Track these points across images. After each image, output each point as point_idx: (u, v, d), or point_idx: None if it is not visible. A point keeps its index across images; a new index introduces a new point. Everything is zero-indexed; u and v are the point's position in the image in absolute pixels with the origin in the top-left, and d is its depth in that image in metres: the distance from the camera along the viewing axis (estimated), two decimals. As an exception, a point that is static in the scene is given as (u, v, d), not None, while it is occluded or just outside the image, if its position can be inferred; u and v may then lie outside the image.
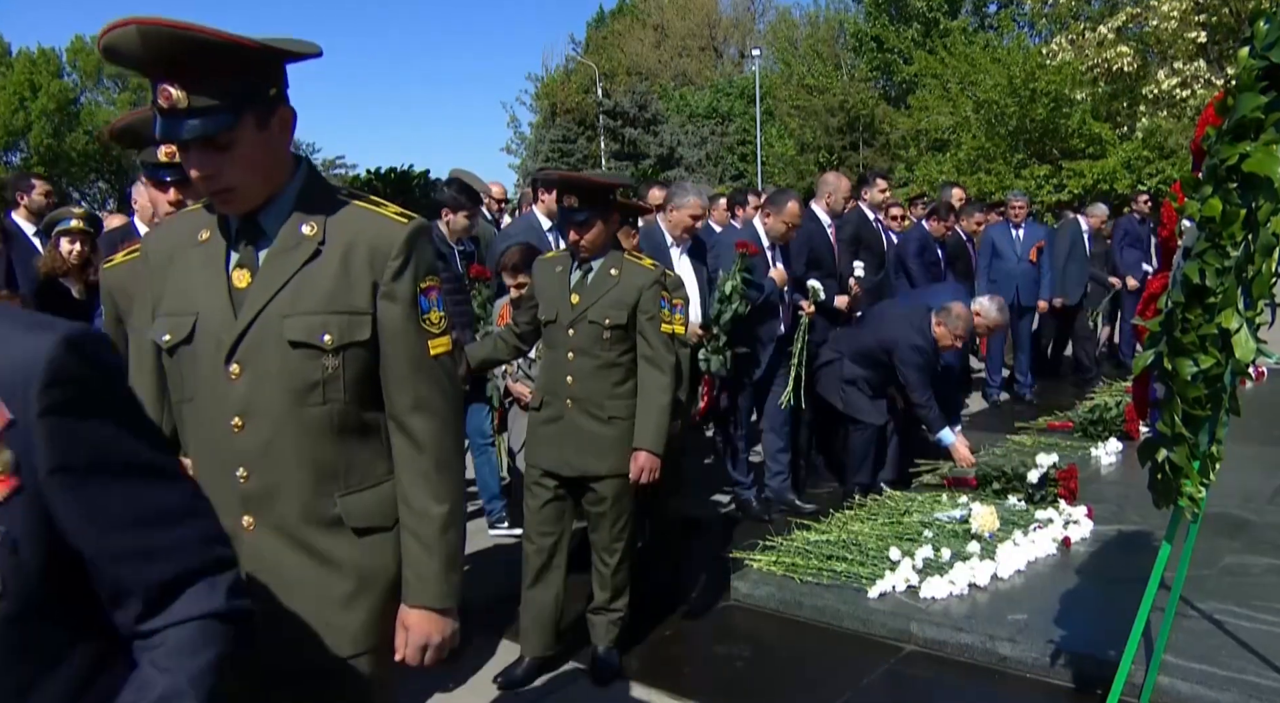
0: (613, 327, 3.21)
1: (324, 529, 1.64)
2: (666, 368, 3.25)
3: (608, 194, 3.19)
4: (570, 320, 3.25)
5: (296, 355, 1.60)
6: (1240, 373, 2.53)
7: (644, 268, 3.29)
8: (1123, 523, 4.67)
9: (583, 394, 3.26)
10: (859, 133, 33.12)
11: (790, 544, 4.32)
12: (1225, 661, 3.20)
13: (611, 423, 3.26)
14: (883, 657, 3.57)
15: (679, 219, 4.82)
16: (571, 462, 3.28)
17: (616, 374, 3.27)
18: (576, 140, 35.69)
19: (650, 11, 44.78)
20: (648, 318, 3.23)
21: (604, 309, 3.22)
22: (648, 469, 3.24)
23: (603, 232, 3.23)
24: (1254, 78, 2.34)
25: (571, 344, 3.26)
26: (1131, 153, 21.83)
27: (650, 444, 3.23)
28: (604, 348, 3.24)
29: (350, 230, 1.64)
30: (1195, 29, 19.49)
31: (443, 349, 1.70)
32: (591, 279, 3.27)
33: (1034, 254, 7.94)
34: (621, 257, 3.31)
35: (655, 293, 3.24)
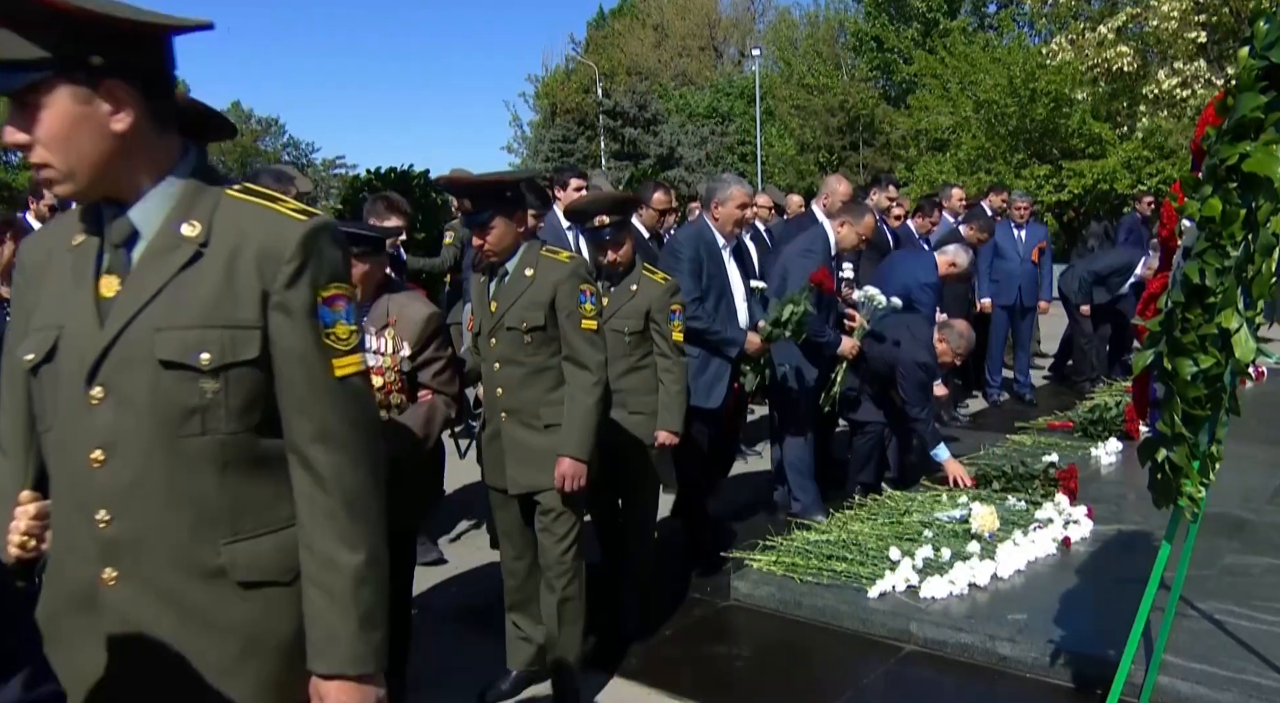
0: (531, 329, 3.02)
1: (203, 583, 1.39)
2: (592, 366, 3.05)
3: (501, 192, 3.00)
4: (490, 328, 3.10)
5: (169, 377, 1.35)
6: (1240, 373, 2.53)
7: (559, 262, 3.07)
8: (1123, 523, 4.67)
9: (515, 405, 3.09)
10: (859, 133, 33.12)
11: (790, 544, 4.33)
12: (1225, 660, 3.20)
13: (549, 431, 3.06)
14: (883, 657, 3.57)
15: (727, 214, 4.56)
16: (516, 478, 3.11)
17: (548, 379, 3.07)
18: (576, 140, 35.68)
19: (650, 11, 44.78)
20: (565, 315, 3.03)
21: (520, 312, 3.03)
22: (571, 477, 3.02)
23: (506, 231, 3.03)
24: (1254, 78, 2.34)
25: (496, 354, 3.10)
26: (1131, 153, 21.82)
27: (573, 449, 3.01)
28: (528, 353, 3.06)
29: (238, 230, 1.40)
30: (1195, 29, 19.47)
31: (351, 369, 1.45)
32: (506, 282, 3.09)
33: (1035, 254, 7.93)
34: (537, 253, 3.09)
35: (572, 287, 3.03)
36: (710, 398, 4.54)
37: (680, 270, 4.42)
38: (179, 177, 1.42)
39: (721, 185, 4.64)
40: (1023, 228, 7.99)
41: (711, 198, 4.65)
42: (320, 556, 1.41)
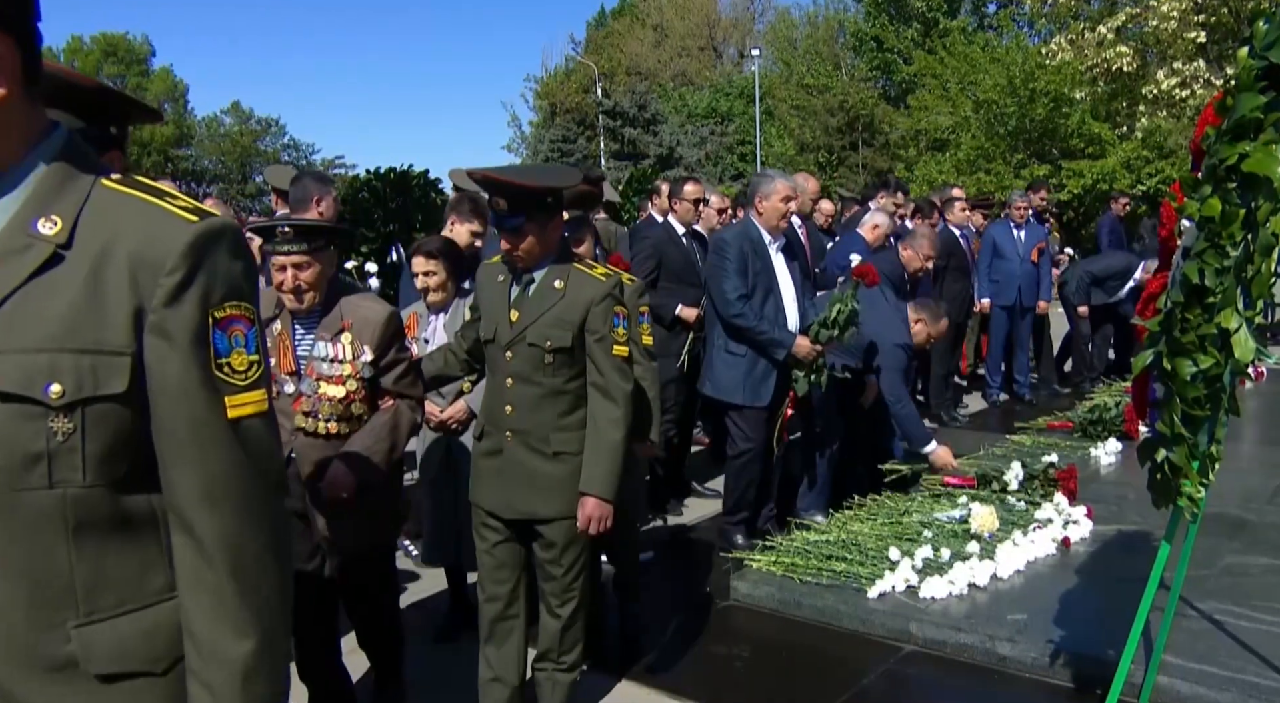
0: (555, 350, 2.76)
1: (46, 678, 1.11)
2: (619, 398, 2.78)
3: (542, 198, 2.73)
4: (508, 341, 2.81)
5: (6, 414, 1.05)
6: (1239, 373, 2.54)
7: (594, 279, 2.81)
8: (1122, 523, 4.67)
9: (524, 426, 2.81)
10: (858, 133, 33.11)
11: (790, 544, 4.33)
12: (1224, 660, 3.20)
13: (559, 459, 2.80)
14: (882, 657, 3.57)
15: (772, 209, 4.50)
16: (514, 503, 2.84)
17: (563, 403, 2.81)
18: (576, 140, 35.69)
19: (650, 11, 44.78)
20: (596, 339, 2.76)
21: (545, 329, 2.77)
22: (597, 518, 2.76)
23: (540, 240, 2.76)
24: (1253, 78, 2.34)
25: (510, 369, 2.82)
26: (1131, 153, 21.83)
27: (599, 489, 2.75)
28: (547, 374, 2.79)
29: (111, 229, 1.10)
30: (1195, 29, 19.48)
31: (250, 409, 1.15)
32: (532, 294, 2.81)
33: (1035, 255, 7.93)
34: (569, 267, 2.82)
35: (606, 309, 2.77)
36: (759, 395, 4.51)
37: (725, 269, 4.42)
38: (43, 160, 1.11)
39: (764, 180, 4.61)
40: (1022, 228, 8.00)
41: (755, 194, 4.62)
42: (202, 644, 1.14)
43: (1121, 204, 9.52)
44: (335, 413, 2.81)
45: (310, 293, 2.79)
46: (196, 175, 44.01)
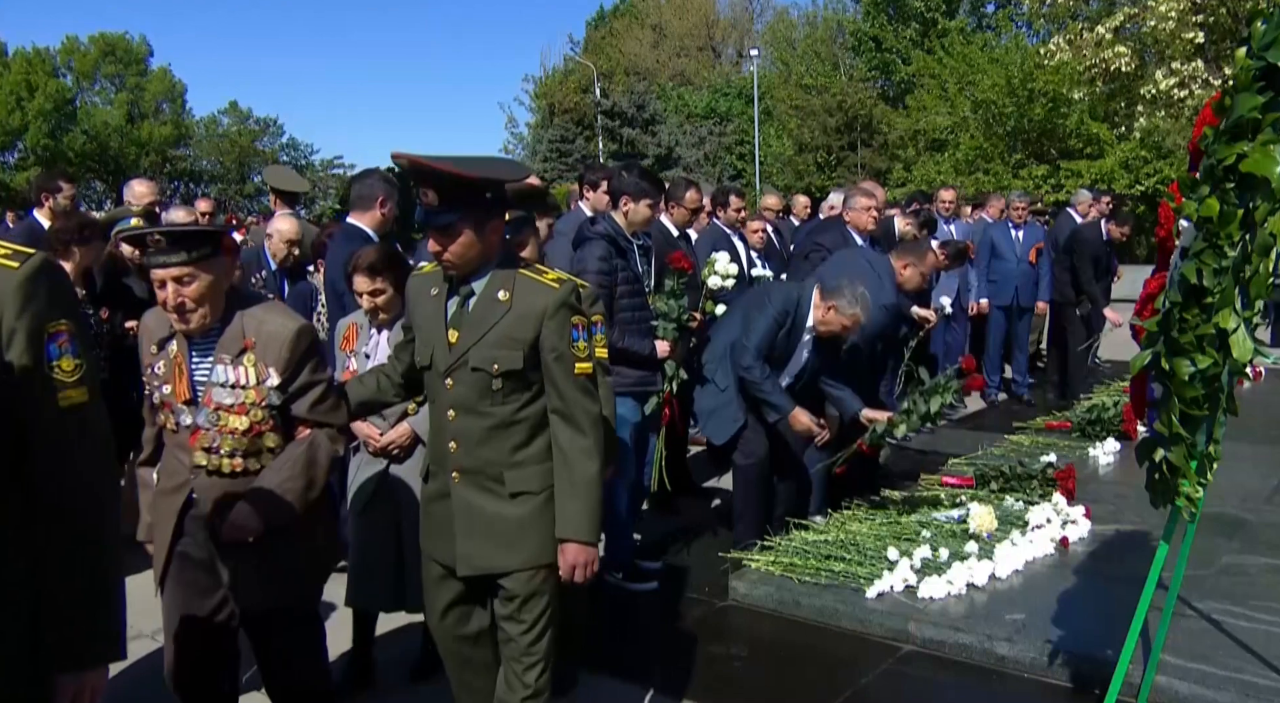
0: (504, 374, 2.34)
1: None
2: (587, 424, 2.37)
3: (479, 192, 2.32)
4: (447, 367, 2.39)
5: None
6: (1238, 373, 2.54)
7: (545, 286, 2.37)
8: (1120, 523, 4.68)
9: (473, 464, 2.41)
10: (857, 133, 33.10)
11: (789, 544, 4.33)
12: (1222, 660, 3.20)
13: (517, 501, 2.40)
14: (881, 657, 3.57)
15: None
16: (470, 555, 2.44)
17: (517, 434, 2.40)
18: (574, 140, 35.70)
19: (648, 11, 44.79)
20: (554, 357, 2.35)
21: (489, 350, 2.34)
22: (582, 565, 2.40)
23: (476, 243, 2.33)
24: (1251, 78, 2.34)
25: (451, 399, 2.40)
26: (1129, 153, 21.87)
27: (579, 532, 2.38)
28: (495, 402, 2.37)
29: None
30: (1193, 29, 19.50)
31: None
32: (473, 308, 2.39)
33: (1033, 255, 7.92)
34: (515, 274, 2.39)
35: (562, 321, 2.35)
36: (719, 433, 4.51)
37: (763, 325, 4.36)
38: None
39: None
40: (1020, 228, 8.00)
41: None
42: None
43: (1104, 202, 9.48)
44: (240, 447, 2.44)
45: (198, 310, 2.40)
46: (194, 176, 44.01)
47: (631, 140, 34.68)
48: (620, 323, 4.05)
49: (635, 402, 4.17)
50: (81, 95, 42.41)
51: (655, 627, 3.92)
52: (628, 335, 4.08)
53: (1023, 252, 7.93)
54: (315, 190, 40.10)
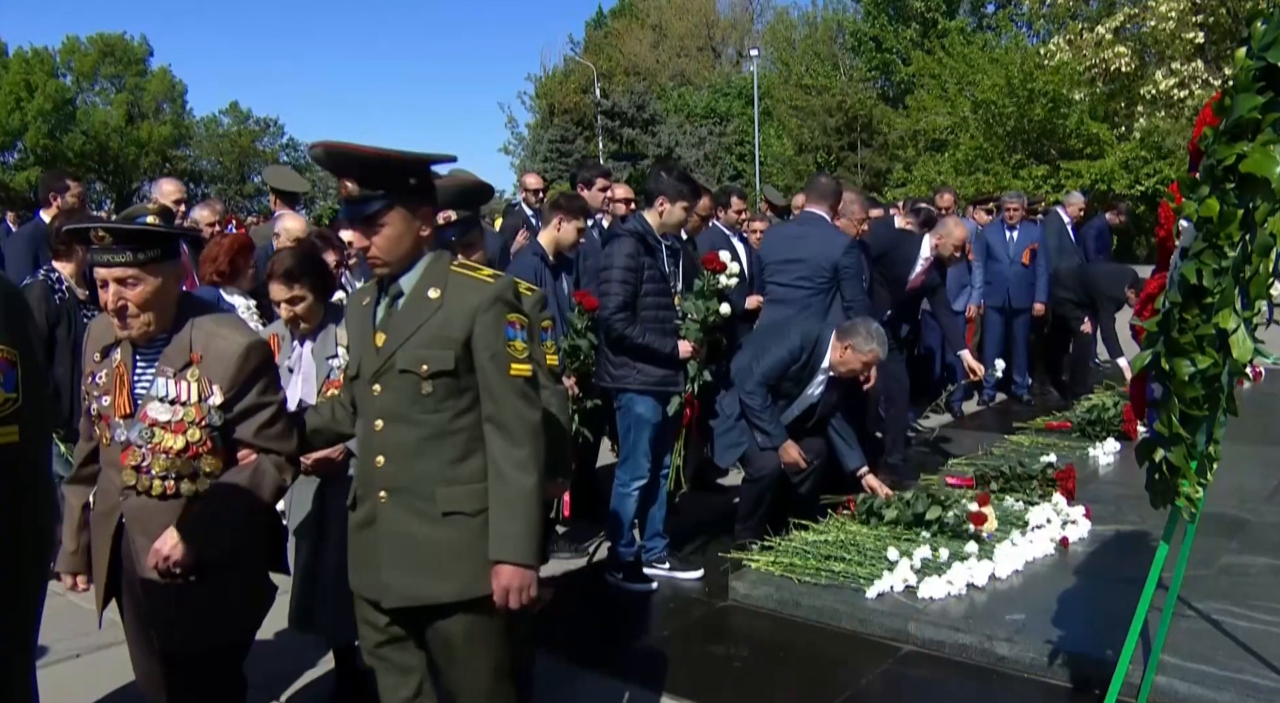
0: (434, 375, 2.13)
1: None
2: (524, 433, 2.14)
3: (402, 176, 2.12)
4: (374, 371, 2.19)
5: None
6: (1238, 373, 2.54)
7: (478, 282, 2.18)
8: (1120, 523, 4.68)
9: (402, 481, 2.17)
10: (857, 133, 33.15)
11: (789, 544, 4.33)
12: (1222, 660, 3.20)
13: (450, 522, 2.16)
14: (881, 657, 3.57)
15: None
16: (394, 586, 2.17)
17: (452, 447, 2.17)
18: (574, 140, 35.74)
19: (649, 12, 44.81)
20: (488, 356, 2.13)
21: (418, 350, 2.14)
22: (517, 589, 2.12)
23: (403, 235, 2.13)
24: (1251, 78, 2.34)
25: (378, 407, 2.19)
26: (1129, 153, 21.89)
27: (515, 552, 2.11)
28: (427, 409, 2.15)
29: None
30: (1193, 29, 19.53)
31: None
32: (401, 306, 2.20)
33: (1026, 256, 7.89)
34: (447, 270, 2.20)
35: (496, 316, 2.14)
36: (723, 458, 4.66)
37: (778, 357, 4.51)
38: None
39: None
40: (1015, 229, 7.98)
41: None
42: None
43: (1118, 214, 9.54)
44: (172, 469, 2.23)
45: (140, 316, 2.21)
46: (195, 176, 44.02)
47: (631, 140, 34.71)
48: (644, 321, 4.08)
49: (656, 401, 4.17)
50: (81, 96, 42.44)
51: (655, 627, 3.92)
52: (649, 332, 4.09)
53: (1015, 252, 7.91)
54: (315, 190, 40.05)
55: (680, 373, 4.24)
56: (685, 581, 4.33)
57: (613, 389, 4.24)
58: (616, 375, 4.17)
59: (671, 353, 4.16)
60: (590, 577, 4.46)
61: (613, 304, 4.05)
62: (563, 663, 3.58)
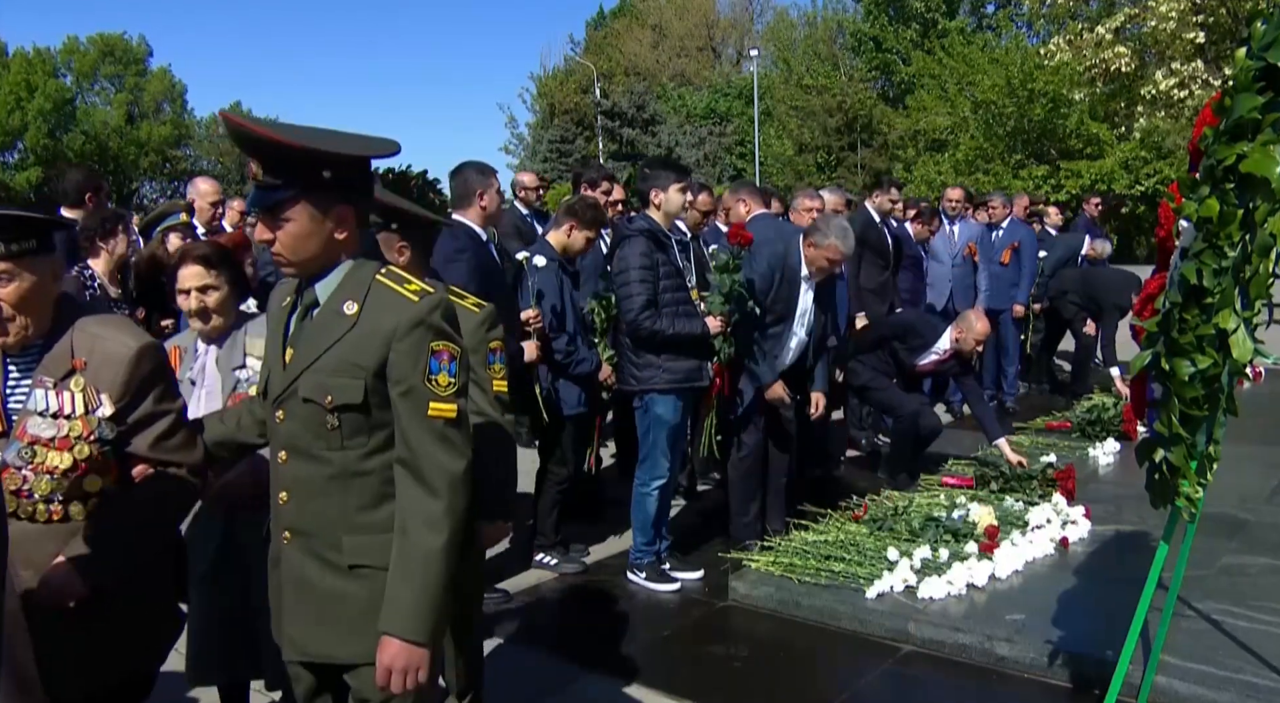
0: (341, 408, 1.84)
1: None
2: (441, 484, 1.81)
3: (314, 166, 1.81)
4: (278, 395, 1.91)
5: None
6: (1237, 373, 2.54)
7: (401, 298, 1.85)
8: (1120, 523, 4.68)
9: (305, 524, 1.91)
10: (857, 133, 33.15)
11: (788, 545, 4.33)
12: (1223, 660, 3.20)
13: (357, 576, 1.88)
14: (881, 657, 3.57)
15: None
16: (294, 637, 1.95)
17: (363, 490, 1.88)
18: (574, 140, 35.75)
19: (648, 12, 44.81)
20: (401, 391, 1.81)
21: (324, 376, 1.84)
22: (400, 670, 1.80)
23: (310, 230, 1.83)
24: (1251, 78, 2.34)
25: (283, 437, 1.92)
26: (1129, 153, 21.91)
27: (404, 626, 1.80)
28: (332, 445, 1.86)
29: None
30: (1193, 30, 19.53)
31: None
32: (313, 320, 1.90)
33: (1006, 255, 7.77)
34: (370, 280, 1.88)
35: (416, 344, 1.81)
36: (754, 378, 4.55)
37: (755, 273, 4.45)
38: None
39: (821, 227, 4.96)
40: (1000, 228, 7.88)
41: None
42: None
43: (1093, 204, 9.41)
44: (59, 491, 1.95)
45: (16, 319, 1.92)
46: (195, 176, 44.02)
47: (631, 141, 34.72)
48: (667, 315, 4.07)
49: (678, 399, 4.16)
50: (81, 96, 42.46)
51: (655, 627, 3.92)
52: (678, 320, 4.08)
53: (996, 252, 7.81)
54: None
55: (705, 365, 4.23)
56: (687, 580, 4.33)
57: (637, 391, 4.21)
58: (641, 377, 4.16)
59: (703, 333, 4.15)
60: (590, 577, 4.46)
61: (637, 305, 4.03)
62: (563, 663, 3.59)
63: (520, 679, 3.49)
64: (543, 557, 4.55)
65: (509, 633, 3.88)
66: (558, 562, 4.52)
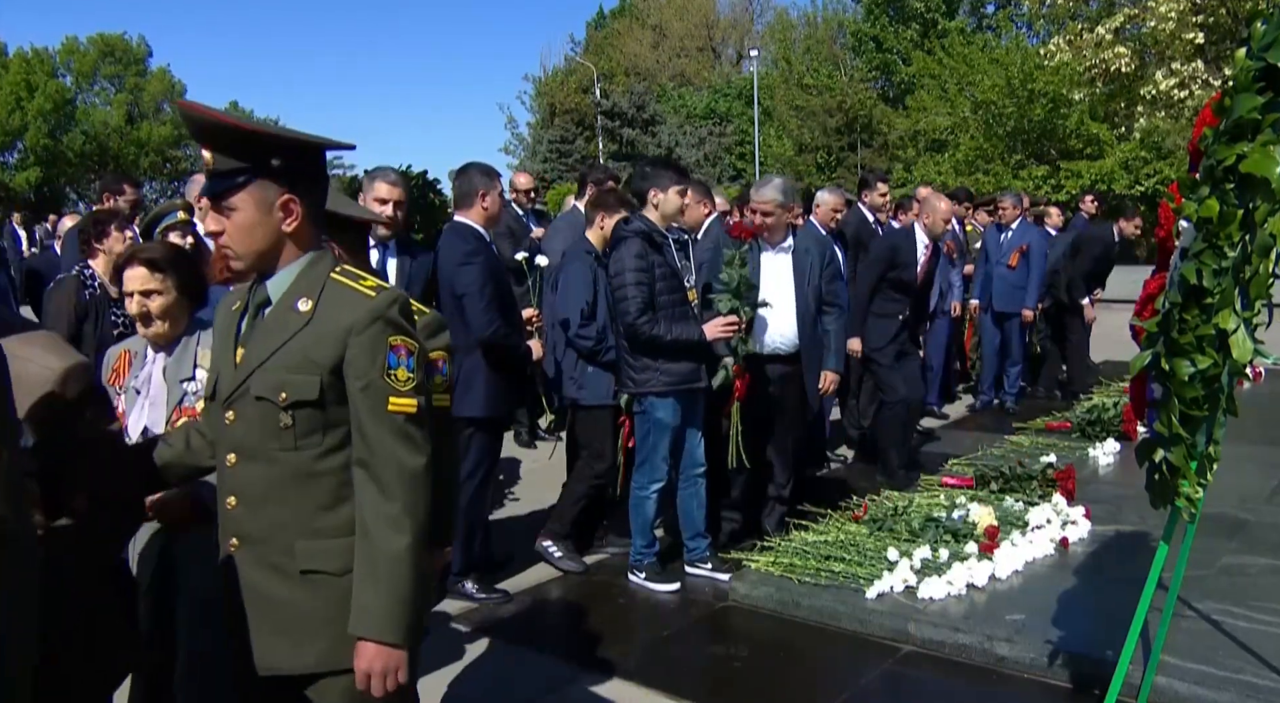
0: (295, 405, 1.79)
1: None
2: (400, 483, 1.78)
3: (263, 152, 1.79)
4: (229, 395, 1.86)
5: None
6: (1237, 373, 2.54)
7: (356, 294, 1.82)
8: (1120, 523, 4.68)
9: (256, 531, 1.85)
10: (857, 133, 33.12)
11: (788, 545, 4.33)
12: (1222, 660, 3.20)
13: (310, 582, 1.82)
14: (881, 657, 3.57)
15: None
16: (257, 651, 1.87)
17: (319, 492, 1.83)
18: (575, 140, 35.74)
19: (649, 12, 44.81)
20: (361, 386, 1.78)
21: (278, 374, 1.80)
22: (380, 673, 1.77)
23: (256, 223, 1.81)
24: (1251, 79, 2.34)
25: (232, 439, 1.87)
26: (1129, 153, 21.90)
27: (379, 628, 1.77)
28: (286, 445, 1.81)
29: None
30: (1193, 30, 19.53)
31: None
32: (264, 318, 1.87)
33: (1014, 258, 7.72)
34: (324, 277, 1.85)
35: (374, 339, 1.79)
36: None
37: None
38: None
39: None
40: (1010, 230, 7.85)
41: None
42: None
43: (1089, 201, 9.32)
44: None
45: None
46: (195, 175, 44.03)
47: (631, 141, 34.72)
48: (664, 318, 4.05)
49: (676, 402, 4.14)
50: (81, 96, 42.46)
51: (655, 627, 3.92)
52: (675, 325, 4.05)
53: (1005, 254, 7.77)
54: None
55: (703, 367, 4.20)
56: (722, 583, 4.27)
57: (635, 394, 4.19)
58: (639, 380, 4.13)
59: (700, 339, 4.13)
60: (590, 577, 4.46)
61: (634, 309, 4.01)
62: (563, 663, 3.59)
63: (520, 679, 3.49)
64: (548, 545, 4.53)
65: (509, 633, 3.88)
66: (561, 555, 4.51)
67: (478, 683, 3.45)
